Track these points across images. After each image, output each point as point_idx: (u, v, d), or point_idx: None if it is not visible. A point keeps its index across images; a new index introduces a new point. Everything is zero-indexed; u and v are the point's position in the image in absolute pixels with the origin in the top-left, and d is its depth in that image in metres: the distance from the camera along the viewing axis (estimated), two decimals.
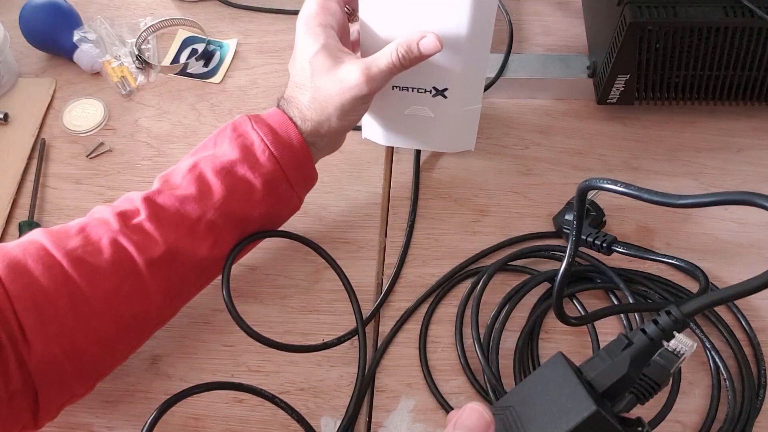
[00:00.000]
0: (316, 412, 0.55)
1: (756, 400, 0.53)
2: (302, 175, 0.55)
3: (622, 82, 0.65)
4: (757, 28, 0.59)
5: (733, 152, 0.67)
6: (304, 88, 0.53)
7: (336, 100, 0.52)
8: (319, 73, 0.52)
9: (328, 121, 0.53)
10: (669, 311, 0.36)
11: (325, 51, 0.51)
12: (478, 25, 0.52)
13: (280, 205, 0.55)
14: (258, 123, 0.53)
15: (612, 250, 0.58)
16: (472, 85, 0.58)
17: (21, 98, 0.75)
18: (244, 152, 0.52)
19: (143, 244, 0.49)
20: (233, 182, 0.51)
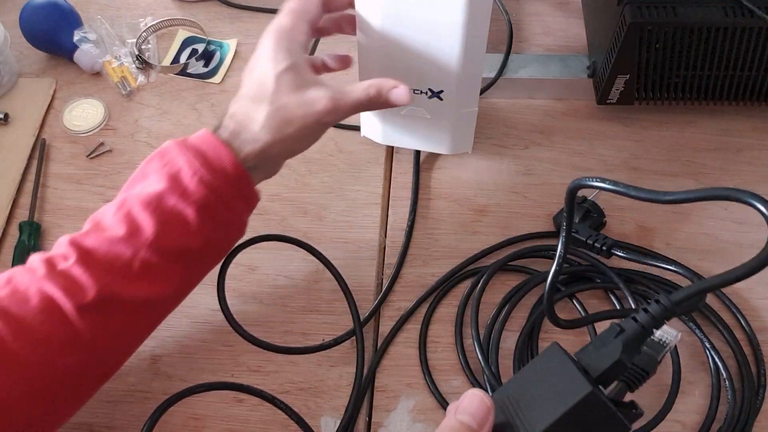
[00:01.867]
0: (317, 412, 0.55)
1: (756, 400, 0.53)
2: (241, 197, 0.50)
3: (622, 82, 0.65)
4: (756, 28, 0.59)
5: (733, 152, 0.67)
6: (261, 104, 0.49)
7: (299, 122, 0.49)
8: (285, 91, 0.49)
9: (282, 143, 0.49)
10: (658, 300, 0.37)
11: (295, 69, 0.49)
12: (472, 28, 0.52)
13: (221, 232, 0.51)
14: (183, 147, 0.48)
15: (612, 253, 0.58)
16: (468, 89, 0.58)
17: (21, 98, 0.75)
18: (171, 181, 0.47)
19: (72, 290, 0.45)
20: (163, 215, 0.47)
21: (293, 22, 0.50)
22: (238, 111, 0.49)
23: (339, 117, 0.50)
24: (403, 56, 0.54)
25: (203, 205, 0.47)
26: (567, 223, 0.45)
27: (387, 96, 0.50)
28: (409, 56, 0.54)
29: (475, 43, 0.54)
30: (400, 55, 0.54)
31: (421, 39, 0.53)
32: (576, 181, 0.42)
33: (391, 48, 0.54)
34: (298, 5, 0.51)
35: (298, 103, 0.48)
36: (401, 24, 0.52)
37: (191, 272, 0.51)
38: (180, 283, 0.50)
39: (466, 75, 0.56)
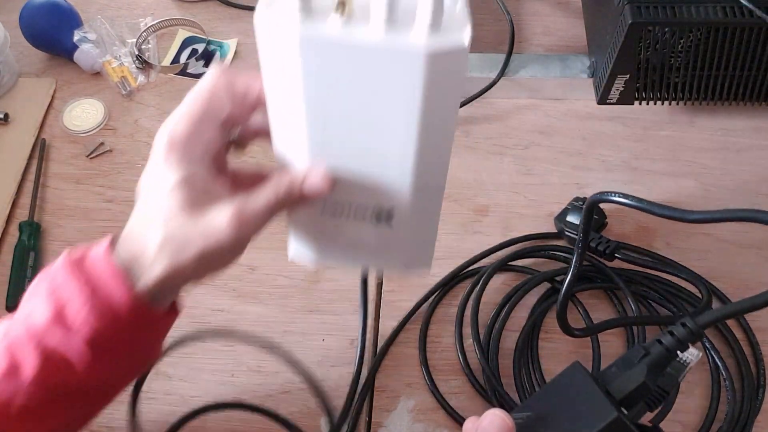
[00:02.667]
0: (317, 412, 0.55)
1: (756, 400, 0.53)
2: (144, 329, 0.41)
3: (622, 82, 0.65)
4: (756, 28, 0.60)
5: (734, 152, 0.67)
6: (153, 226, 0.39)
7: (195, 248, 0.38)
8: (177, 212, 0.39)
9: (182, 271, 0.39)
10: (684, 323, 0.37)
11: (188, 185, 0.39)
12: (433, 117, 0.35)
13: (121, 366, 0.43)
14: (75, 272, 0.40)
15: (614, 257, 0.58)
16: (427, 202, 0.41)
17: (21, 98, 0.75)
18: (56, 314, 0.39)
19: None
20: (46, 352, 0.39)
21: (188, 127, 0.39)
22: (134, 230, 0.40)
23: (249, 230, 0.39)
24: (333, 158, 0.38)
25: (92, 343, 0.39)
26: (583, 235, 0.45)
27: (300, 190, 0.39)
28: (342, 159, 0.38)
29: (436, 139, 0.37)
30: (330, 158, 0.38)
31: (359, 132, 0.36)
32: (596, 195, 0.42)
33: (318, 146, 0.38)
34: (196, 102, 0.40)
35: (193, 224, 0.38)
36: (330, 112, 0.35)
37: (83, 409, 0.43)
38: (75, 418, 0.43)
39: (425, 184, 0.39)
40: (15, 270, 0.63)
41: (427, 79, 0.32)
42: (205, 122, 0.40)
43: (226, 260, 0.41)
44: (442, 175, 0.40)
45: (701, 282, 0.56)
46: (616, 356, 0.56)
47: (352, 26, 0.31)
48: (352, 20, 0.31)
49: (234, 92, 0.39)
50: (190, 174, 0.39)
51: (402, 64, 0.32)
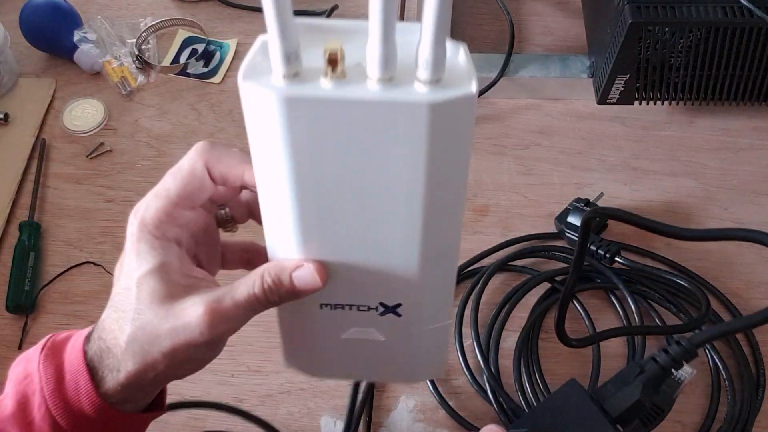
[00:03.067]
0: (317, 412, 0.55)
1: (755, 400, 0.53)
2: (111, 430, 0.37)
3: (622, 82, 0.65)
4: (756, 28, 0.59)
5: (733, 152, 0.67)
6: (123, 320, 0.35)
7: (165, 344, 0.34)
8: (147, 303, 0.35)
9: (152, 371, 0.35)
10: (679, 341, 0.38)
11: (159, 273, 0.35)
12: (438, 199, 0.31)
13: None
14: (47, 359, 0.36)
15: (614, 260, 0.58)
16: (439, 295, 0.36)
17: (21, 98, 0.75)
18: (19, 405, 0.36)
19: None
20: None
21: (162, 209, 0.35)
22: (105, 322, 0.36)
23: (226, 327, 0.34)
24: (327, 242, 0.33)
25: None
26: (579, 251, 0.44)
27: (292, 283, 0.34)
28: (338, 240, 0.33)
29: (444, 224, 0.32)
30: (324, 242, 0.33)
31: (355, 205, 0.31)
32: (591, 211, 0.42)
33: (309, 228, 0.32)
34: (174, 183, 0.36)
35: (163, 317, 0.34)
36: (322, 185, 0.31)
37: None
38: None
39: (435, 276, 0.35)
40: (15, 270, 0.62)
41: (432, 133, 0.28)
42: (181, 205, 0.36)
43: (203, 358, 0.36)
44: (453, 260, 0.35)
45: (700, 291, 0.56)
46: (616, 357, 0.56)
47: (345, 85, 0.28)
48: (345, 81, 0.28)
49: (215, 175, 0.36)
50: (162, 263, 0.35)
51: (403, 118, 0.28)
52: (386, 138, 0.28)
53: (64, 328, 0.61)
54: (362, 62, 0.28)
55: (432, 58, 0.27)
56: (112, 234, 0.66)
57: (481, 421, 0.54)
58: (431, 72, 0.27)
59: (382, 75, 0.27)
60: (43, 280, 0.63)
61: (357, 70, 0.28)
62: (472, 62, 0.29)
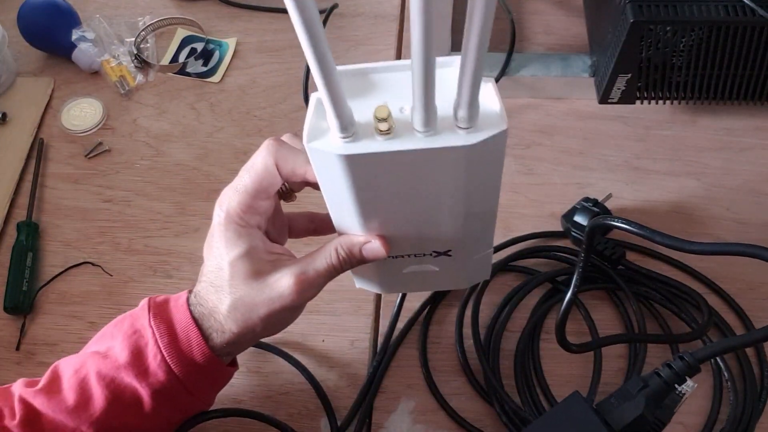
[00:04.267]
0: (317, 413, 0.55)
1: (758, 402, 0.53)
2: (208, 382, 0.46)
3: (624, 81, 0.65)
4: (758, 27, 0.59)
5: (736, 152, 0.67)
6: (221, 292, 0.43)
7: (262, 311, 0.43)
8: (242, 279, 0.43)
9: (251, 332, 0.44)
10: (682, 356, 0.38)
11: (249, 256, 0.43)
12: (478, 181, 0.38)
13: (178, 415, 0.47)
14: (157, 318, 0.44)
15: (619, 263, 0.58)
16: (480, 239, 0.46)
17: (19, 98, 0.75)
18: (133, 355, 0.43)
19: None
20: (116, 392, 0.43)
21: (242, 203, 0.43)
22: (203, 293, 0.44)
23: (312, 293, 0.44)
24: (389, 225, 0.42)
25: (161, 390, 0.43)
26: (584, 260, 0.45)
27: (362, 254, 0.43)
28: (397, 231, 0.42)
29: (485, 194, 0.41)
30: (386, 225, 0.42)
31: (409, 212, 0.40)
32: (596, 220, 0.42)
33: (372, 229, 0.42)
34: (250, 179, 0.43)
35: (258, 290, 0.43)
36: (381, 205, 0.40)
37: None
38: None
39: (476, 231, 0.44)
40: (13, 270, 0.62)
41: (470, 163, 0.35)
42: (258, 197, 0.43)
43: (290, 319, 0.46)
44: (493, 210, 0.43)
45: (701, 298, 0.56)
46: (617, 359, 0.56)
47: (394, 139, 0.34)
48: (393, 135, 0.34)
49: (282, 171, 0.42)
50: (249, 247, 0.43)
51: (446, 158, 0.35)
52: (431, 171, 0.36)
53: (62, 329, 0.62)
54: (405, 106, 0.35)
55: (468, 115, 0.33)
56: (111, 234, 0.65)
57: (482, 422, 0.54)
58: (468, 123, 0.33)
59: (425, 131, 0.34)
60: (41, 280, 0.63)
61: (402, 119, 0.34)
62: (500, 96, 0.34)
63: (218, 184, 0.67)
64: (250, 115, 0.72)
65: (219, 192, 0.44)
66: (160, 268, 0.63)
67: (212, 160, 0.69)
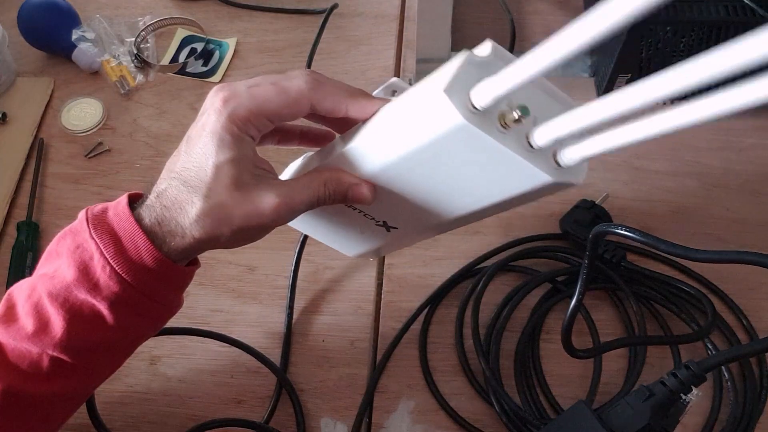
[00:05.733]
0: (316, 414, 0.55)
1: (758, 401, 0.53)
2: (167, 285, 0.42)
3: (624, 82, 0.65)
4: (759, 27, 0.59)
5: (735, 151, 0.67)
6: (195, 194, 0.40)
7: (235, 223, 0.40)
8: (223, 186, 0.40)
9: (214, 241, 0.41)
10: (688, 366, 0.39)
11: (237, 164, 0.40)
12: None
13: (145, 323, 0.44)
14: (98, 229, 0.40)
15: (620, 266, 0.58)
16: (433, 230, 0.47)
17: (19, 98, 0.75)
18: (80, 272, 0.40)
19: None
20: (73, 310, 0.41)
21: (251, 112, 0.40)
22: (168, 193, 0.41)
23: (289, 218, 0.42)
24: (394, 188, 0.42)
25: (118, 301, 0.41)
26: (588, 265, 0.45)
27: (347, 193, 0.42)
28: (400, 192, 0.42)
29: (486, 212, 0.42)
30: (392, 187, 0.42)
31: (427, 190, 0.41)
32: (600, 227, 0.42)
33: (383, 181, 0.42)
34: (278, 98, 0.40)
35: (240, 201, 0.40)
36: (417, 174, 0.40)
37: (112, 359, 0.45)
38: (99, 372, 0.45)
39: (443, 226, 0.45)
40: (13, 270, 0.62)
41: (535, 193, 0.36)
42: (271, 118, 0.41)
43: (256, 237, 0.43)
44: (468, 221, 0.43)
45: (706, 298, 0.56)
46: (617, 359, 0.56)
47: (507, 137, 0.34)
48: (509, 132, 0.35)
49: (319, 108, 0.41)
50: (241, 155, 0.40)
51: (524, 177, 0.35)
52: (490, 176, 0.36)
53: None
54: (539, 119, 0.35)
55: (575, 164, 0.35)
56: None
57: (482, 422, 0.54)
58: (566, 164, 0.35)
59: (534, 148, 0.34)
60: None
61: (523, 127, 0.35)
62: (587, 162, 0.36)
63: None
64: None
65: None
66: None
67: None
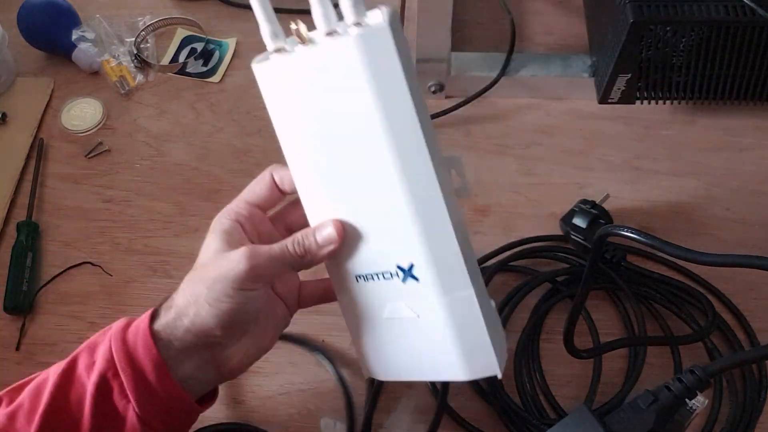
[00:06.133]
0: (316, 414, 0.55)
1: (758, 401, 0.53)
2: (142, 384, 0.40)
3: (624, 82, 0.65)
4: (758, 27, 0.59)
5: (736, 152, 0.67)
6: (190, 274, 0.43)
7: (210, 275, 0.41)
8: (206, 253, 0.43)
9: (195, 305, 0.41)
10: (693, 370, 0.38)
11: (223, 235, 0.43)
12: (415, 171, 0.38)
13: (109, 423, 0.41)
14: (117, 327, 0.42)
15: (620, 265, 0.58)
16: (446, 257, 0.40)
17: (19, 98, 0.75)
18: (89, 346, 0.42)
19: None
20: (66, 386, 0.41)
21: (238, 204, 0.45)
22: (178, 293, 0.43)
23: (259, 268, 0.41)
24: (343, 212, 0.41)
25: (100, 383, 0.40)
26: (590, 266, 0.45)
27: (316, 240, 0.41)
28: (349, 211, 0.41)
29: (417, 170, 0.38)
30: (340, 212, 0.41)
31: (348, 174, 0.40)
32: (605, 228, 0.42)
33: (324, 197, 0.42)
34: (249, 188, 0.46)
35: (215, 259, 0.42)
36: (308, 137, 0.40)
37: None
38: None
39: (431, 231, 0.39)
40: (13, 271, 0.62)
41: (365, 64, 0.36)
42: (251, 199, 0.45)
43: (234, 297, 0.40)
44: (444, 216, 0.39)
45: (706, 299, 0.56)
46: (617, 359, 0.56)
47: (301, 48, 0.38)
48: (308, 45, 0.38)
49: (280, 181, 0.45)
50: (227, 228, 0.43)
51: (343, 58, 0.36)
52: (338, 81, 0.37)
53: (62, 329, 0.62)
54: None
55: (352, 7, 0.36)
56: (111, 234, 0.65)
57: (482, 422, 0.54)
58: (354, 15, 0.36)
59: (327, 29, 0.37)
60: (41, 280, 0.63)
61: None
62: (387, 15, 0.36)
63: (218, 184, 0.67)
64: (250, 115, 0.72)
65: (219, 192, 0.44)
66: (160, 268, 0.63)
67: (212, 160, 0.69)
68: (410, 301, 0.42)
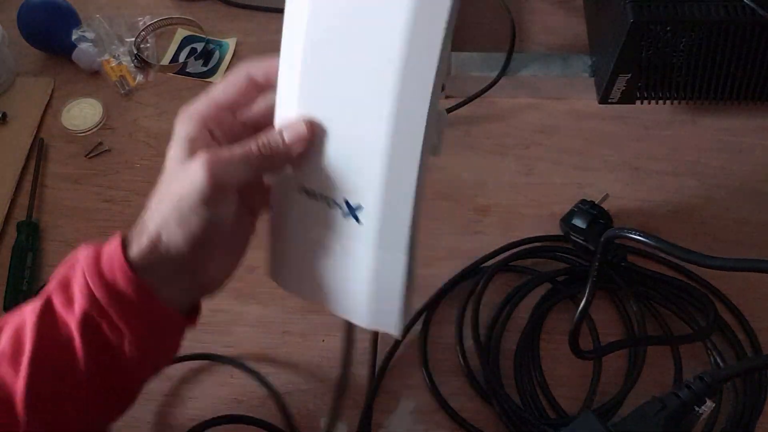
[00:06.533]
0: (317, 414, 0.55)
1: (758, 401, 0.53)
2: (132, 313, 0.39)
3: (624, 81, 0.65)
4: (758, 27, 0.59)
5: (736, 152, 0.67)
6: (157, 188, 0.40)
7: (174, 193, 0.38)
8: (170, 166, 0.39)
9: (166, 228, 0.38)
10: (702, 377, 0.38)
11: (184, 141, 0.39)
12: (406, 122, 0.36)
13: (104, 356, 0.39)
14: (87, 249, 0.40)
15: (621, 266, 0.58)
16: (396, 216, 0.38)
17: (19, 98, 0.75)
18: (62, 283, 0.40)
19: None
20: (44, 328, 0.39)
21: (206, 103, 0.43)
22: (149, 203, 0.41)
23: (221, 174, 0.37)
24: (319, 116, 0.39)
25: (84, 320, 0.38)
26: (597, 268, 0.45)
27: (283, 138, 0.38)
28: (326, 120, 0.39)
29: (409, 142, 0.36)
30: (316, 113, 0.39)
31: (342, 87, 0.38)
32: (612, 231, 0.42)
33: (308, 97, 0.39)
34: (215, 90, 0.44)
35: (178, 173, 0.38)
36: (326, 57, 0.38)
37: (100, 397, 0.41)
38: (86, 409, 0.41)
39: (394, 190, 0.38)
40: (13, 270, 0.62)
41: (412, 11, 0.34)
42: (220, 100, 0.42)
43: (201, 214, 0.37)
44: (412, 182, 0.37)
45: (707, 299, 0.56)
46: (617, 359, 0.56)
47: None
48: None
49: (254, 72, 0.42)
50: (189, 133, 0.40)
51: None
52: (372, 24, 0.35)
53: None
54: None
55: None
56: (111, 234, 0.65)
57: (482, 422, 0.54)
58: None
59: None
60: (41, 280, 0.63)
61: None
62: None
63: None
64: None
65: None
66: None
67: None
68: (342, 236, 0.40)
